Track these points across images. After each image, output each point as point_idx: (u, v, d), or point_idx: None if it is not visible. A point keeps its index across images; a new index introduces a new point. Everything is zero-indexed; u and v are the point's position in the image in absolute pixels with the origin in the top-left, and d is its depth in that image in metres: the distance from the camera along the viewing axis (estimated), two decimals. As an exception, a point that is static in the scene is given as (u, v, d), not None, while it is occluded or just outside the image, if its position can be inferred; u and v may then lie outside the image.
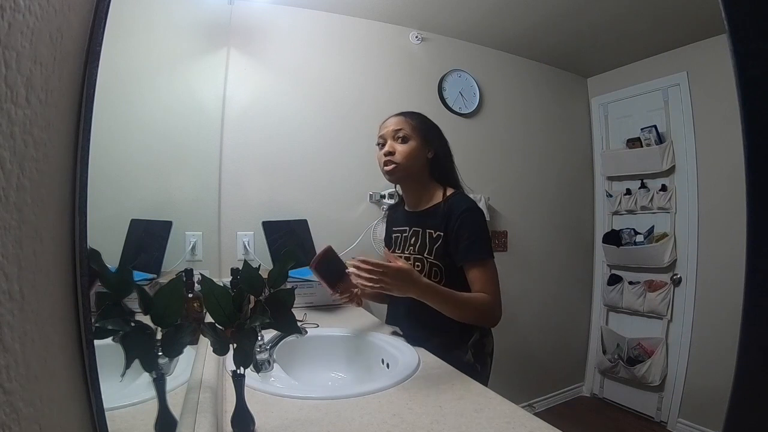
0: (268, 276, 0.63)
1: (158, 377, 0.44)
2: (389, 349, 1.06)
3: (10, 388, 0.19)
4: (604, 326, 2.58)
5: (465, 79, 2.21)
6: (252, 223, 1.70)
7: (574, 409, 2.53)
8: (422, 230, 1.12)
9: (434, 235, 1.09)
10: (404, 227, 1.19)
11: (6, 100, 0.19)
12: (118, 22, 0.35)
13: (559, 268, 2.58)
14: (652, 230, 2.36)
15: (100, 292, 0.35)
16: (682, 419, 2.17)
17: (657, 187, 2.33)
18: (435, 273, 1.08)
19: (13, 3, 0.19)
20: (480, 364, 1.07)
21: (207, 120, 1.34)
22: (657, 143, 2.30)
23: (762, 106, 0.31)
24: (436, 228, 1.09)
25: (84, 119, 0.29)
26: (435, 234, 1.09)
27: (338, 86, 1.91)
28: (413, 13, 1.94)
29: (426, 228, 1.11)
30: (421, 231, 1.13)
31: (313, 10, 1.85)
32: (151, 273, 0.57)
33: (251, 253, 1.67)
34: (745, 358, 0.33)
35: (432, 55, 2.13)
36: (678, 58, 2.24)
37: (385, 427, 0.68)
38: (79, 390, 0.28)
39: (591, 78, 2.72)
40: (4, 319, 0.19)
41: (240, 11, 1.69)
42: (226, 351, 0.58)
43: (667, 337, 2.26)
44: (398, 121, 1.14)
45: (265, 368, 0.91)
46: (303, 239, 1.76)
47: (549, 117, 2.54)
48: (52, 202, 0.25)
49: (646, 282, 2.36)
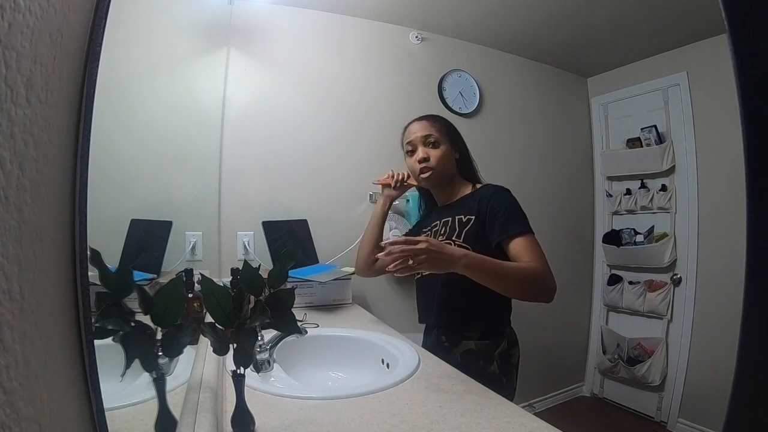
0: (268, 276, 0.63)
1: (158, 377, 0.44)
2: (389, 349, 1.06)
3: (10, 388, 0.19)
4: (604, 326, 2.58)
5: (465, 79, 2.21)
6: (252, 223, 1.70)
7: (574, 409, 2.53)
8: (452, 219, 1.10)
9: (464, 219, 1.06)
10: (435, 222, 1.17)
11: (6, 100, 0.19)
12: (118, 22, 0.35)
13: (559, 268, 2.56)
14: (652, 230, 2.36)
15: (100, 292, 0.35)
16: (682, 419, 2.17)
17: (657, 187, 2.33)
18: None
19: (13, 3, 0.19)
20: (506, 376, 1.03)
21: (207, 120, 1.34)
22: (657, 143, 2.30)
23: (762, 106, 0.31)
24: (466, 213, 1.06)
25: (84, 119, 0.29)
26: (465, 218, 1.05)
27: (338, 86, 1.91)
28: (413, 13, 1.93)
29: (455, 215, 1.09)
30: (450, 220, 1.10)
31: (313, 10, 1.85)
32: (151, 273, 0.57)
33: (251, 253, 1.67)
34: (745, 358, 0.33)
35: (432, 55, 2.13)
36: (678, 58, 2.24)
37: (385, 427, 0.68)
38: (79, 390, 0.28)
39: (591, 78, 2.72)
40: (4, 319, 0.19)
41: (240, 11, 1.69)
42: (226, 351, 0.58)
43: (667, 337, 2.26)
44: (425, 126, 1.13)
45: (265, 368, 0.91)
46: (303, 239, 1.76)
47: (549, 117, 2.54)
48: (52, 202, 0.25)
49: (646, 282, 2.36)
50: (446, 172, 1.12)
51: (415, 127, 1.14)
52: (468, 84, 2.22)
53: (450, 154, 1.13)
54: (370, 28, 1.98)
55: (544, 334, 2.50)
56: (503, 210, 1.00)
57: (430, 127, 1.13)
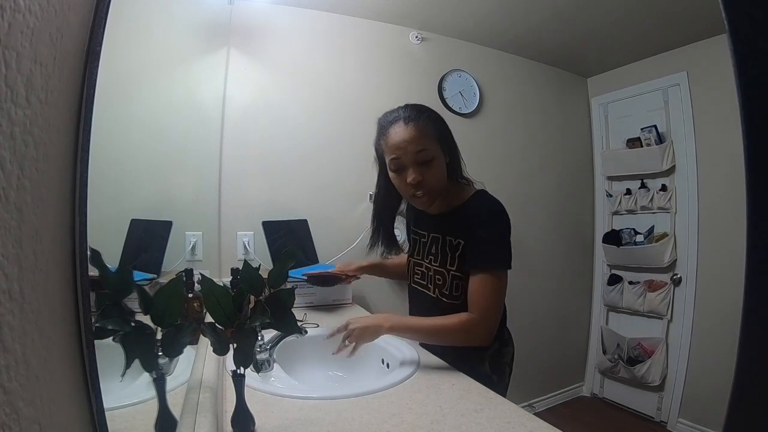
0: (268, 276, 0.63)
1: (158, 377, 0.44)
2: (389, 349, 1.06)
3: (10, 388, 0.19)
4: (604, 326, 2.58)
5: (465, 79, 2.21)
6: (252, 223, 1.70)
7: (574, 409, 2.53)
8: (441, 237, 1.02)
9: (454, 242, 0.99)
10: (423, 231, 1.10)
11: (6, 100, 0.19)
12: (118, 22, 0.35)
13: (559, 268, 2.58)
14: (652, 230, 2.36)
15: (100, 292, 0.35)
16: (682, 419, 2.17)
17: (657, 187, 2.33)
18: (457, 286, 0.98)
19: (13, 3, 0.19)
20: (497, 374, 1.03)
21: (207, 120, 1.34)
22: (657, 143, 2.30)
23: (762, 106, 0.31)
24: (456, 235, 0.98)
25: (84, 119, 0.29)
26: (455, 242, 0.98)
27: (338, 86, 1.91)
28: (413, 13, 1.93)
29: (445, 234, 1.01)
30: (440, 238, 1.02)
31: (313, 10, 1.85)
32: (151, 273, 0.57)
33: (251, 253, 1.67)
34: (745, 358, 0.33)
35: (432, 55, 2.13)
36: (678, 58, 2.24)
37: (385, 427, 0.68)
38: (79, 390, 0.28)
39: (591, 78, 2.72)
40: (4, 319, 0.19)
41: (240, 11, 1.69)
42: (226, 351, 0.58)
43: (667, 337, 2.26)
44: (413, 136, 0.92)
45: (265, 368, 0.91)
46: (303, 239, 1.76)
47: (549, 117, 2.54)
48: (52, 202, 0.25)
49: (646, 282, 2.36)
50: (441, 188, 0.99)
51: (401, 134, 0.93)
52: (468, 84, 2.22)
53: (443, 164, 0.98)
54: (370, 28, 1.98)
55: (544, 334, 2.51)
56: (484, 239, 0.93)
57: (420, 137, 0.93)
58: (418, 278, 1.12)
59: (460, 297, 0.98)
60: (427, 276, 1.07)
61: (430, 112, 1.00)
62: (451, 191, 1.03)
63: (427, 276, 1.08)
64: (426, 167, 0.94)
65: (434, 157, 0.95)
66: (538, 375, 2.48)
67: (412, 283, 1.15)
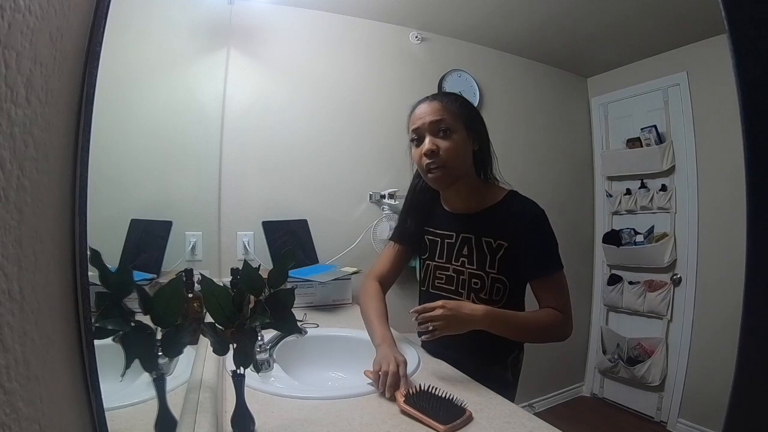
0: (268, 276, 0.63)
1: (158, 377, 0.44)
2: (389, 349, 1.06)
3: (10, 388, 0.19)
4: (604, 326, 2.58)
5: (465, 79, 2.21)
6: (252, 223, 1.70)
7: (574, 409, 2.53)
8: (475, 237, 0.96)
9: (494, 244, 0.93)
10: (448, 232, 1.01)
11: (6, 100, 0.19)
12: (118, 22, 0.35)
13: (559, 268, 2.57)
14: (652, 230, 2.36)
15: (100, 292, 0.35)
16: (682, 419, 2.17)
17: (657, 187, 2.33)
18: (497, 290, 0.94)
19: (13, 3, 0.19)
20: (515, 379, 1.04)
21: (207, 120, 1.34)
22: (657, 143, 2.30)
23: (762, 106, 0.31)
24: (496, 236, 0.93)
25: (84, 119, 0.29)
26: (495, 243, 0.93)
27: (338, 86, 1.91)
28: (413, 13, 1.93)
29: (481, 235, 0.95)
30: (473, 239, 0.96)
31: (313, 10, 1.85)
32: (151, 273, 0.57)
33: (251, 253, 1.67)
34: (745, 358, 0.33)
35: (432, 55, 2.13)
36: (678, 58, 2.24)
37: (385, 427, 0.68)
38: (79, 390, 0.28)
39: (591, 78, 2.72)
40: (4, 319, 0.18)
41: (240, 11, 1.69)
42: (226, 351, 0.58)
43: (667, 337, 2.26)
44: (435, 108, 0.91)
45: (265, 368, 0.91)
46: (303, 239, 1.76)
47: (549, 117, 2.54)
48: (52, 202, 0.25)
49: (646, 282, 2.36)
50: (460, 167, 0.92)
51: (424, 110, 0.92)
52: (468, 84, 2.22)
53: (466, 145, 0.92)
54: (370, 28, 1.98)
55: (544, 334, 2.50)
56: (541, 244, 0.91)
57: (442, 110, 0.90)
58: (440, 282, 1.02)
59: (501, 300, 0.94)
60: (458, 280, 0.99)
61: (464, 99, 0.99)
62: (482, 189, 0.99)
63: (456, 280, 0.99)
64: (443, 139, 0.90)
65: (453, 130, 0.91)
66: (538, 375, 2.48)
67: (431, 288, 1.04)
